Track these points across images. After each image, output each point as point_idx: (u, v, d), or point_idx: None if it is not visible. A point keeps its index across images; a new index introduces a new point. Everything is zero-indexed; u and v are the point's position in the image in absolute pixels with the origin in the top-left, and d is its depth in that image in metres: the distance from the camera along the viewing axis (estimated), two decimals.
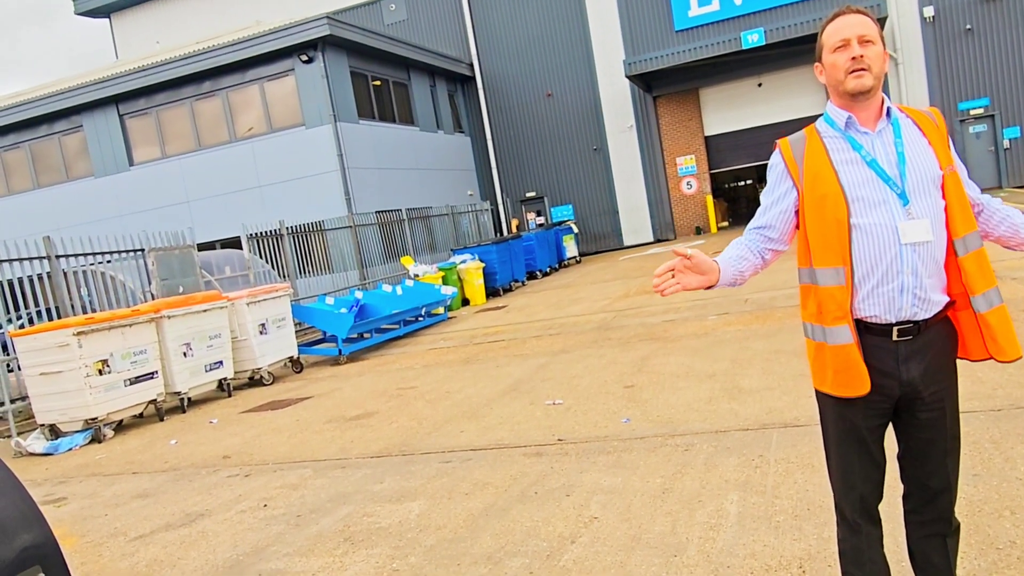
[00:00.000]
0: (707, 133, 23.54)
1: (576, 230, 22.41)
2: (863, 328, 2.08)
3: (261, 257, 13.30)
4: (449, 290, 13.69)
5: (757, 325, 8.27)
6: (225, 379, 9.45)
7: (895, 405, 2.13)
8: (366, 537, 4.08)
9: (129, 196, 19.51)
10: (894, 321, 2.05)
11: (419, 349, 10.89)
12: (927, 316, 2.05)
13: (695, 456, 4.51)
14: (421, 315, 12.79)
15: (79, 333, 7.66)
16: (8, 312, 9.17)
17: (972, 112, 20.34)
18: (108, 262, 10.30)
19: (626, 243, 24.02)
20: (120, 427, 8.37)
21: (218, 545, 4.32)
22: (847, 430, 2.15)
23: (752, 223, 2.27)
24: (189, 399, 8.98)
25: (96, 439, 7.88)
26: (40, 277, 9.43)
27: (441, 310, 13.64)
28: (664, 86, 22.82)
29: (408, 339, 12.04)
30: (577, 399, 6.39)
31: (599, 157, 23.84)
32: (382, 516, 4.37)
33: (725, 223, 25.16)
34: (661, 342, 8.32)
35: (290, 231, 14.31)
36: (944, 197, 2.05)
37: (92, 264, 10.03)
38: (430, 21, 24.57)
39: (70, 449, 7.71)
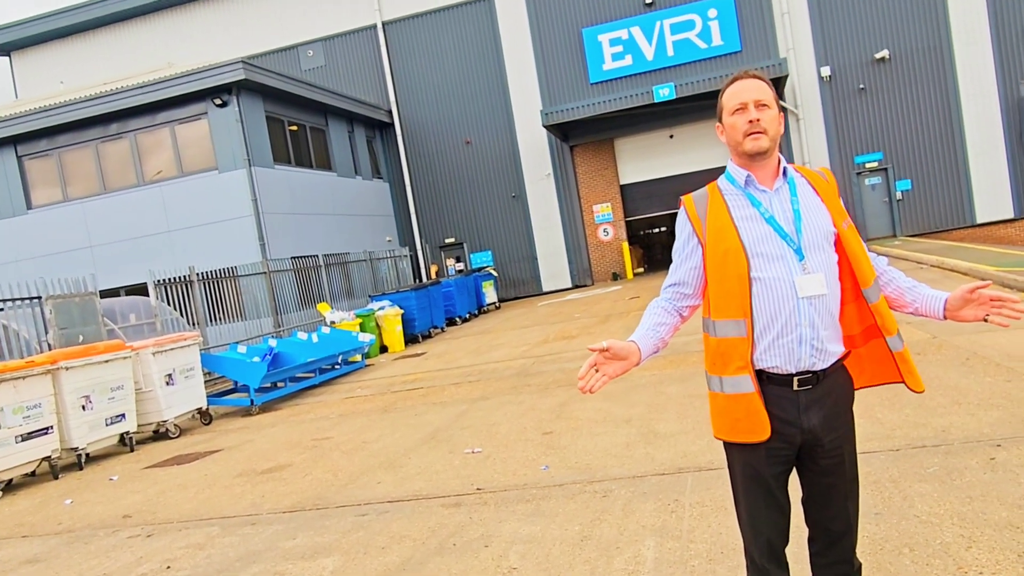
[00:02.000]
0: (622, 182, 24.24)
1: (496, 275, 22.56)
2: (765, 378, 2.16)
3: (169, 304, 12.81)
4: (367, 337, 13.48)
5: (672, 370, 8.46)
6: (128, 433, 8.97)
7: (797, 452, 2.21)
8: None
9: (27, 241, 18.53)
10: (794, 371, 2.14)
11: (335, 398, 10.63)
12: (825, 366, 2.15)
13: (613, 502, 4.54)
14: (338, 363, 12.53)
15: None
16: None
17: (867, 165, 21.68)
18: (1, 310, 9.69)
19: (545, 289, 24.29)
20: (9, 487, 7.80)
21: None
22: (752, 477, 2.22)
23: (667, 281, 2.34)
24: (87, 455, 8.46)
25: None
26: None
27: (359, 358, 13.40)
28: (580, 136, 23.47)
29: (324, 388, 11.76)
30: (496, 447, 6.35)
31: (518, 204, 24.18)
32: (294, 575, 4.20)
33: (641, 269, 25.81)
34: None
35: (201, 277, 13.86)
36: (844, 252, 2.17)
37: None
38: (348, 67, 24.62)
39: None
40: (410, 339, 16.04)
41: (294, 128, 19.68)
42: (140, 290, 13.75)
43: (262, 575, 4.27)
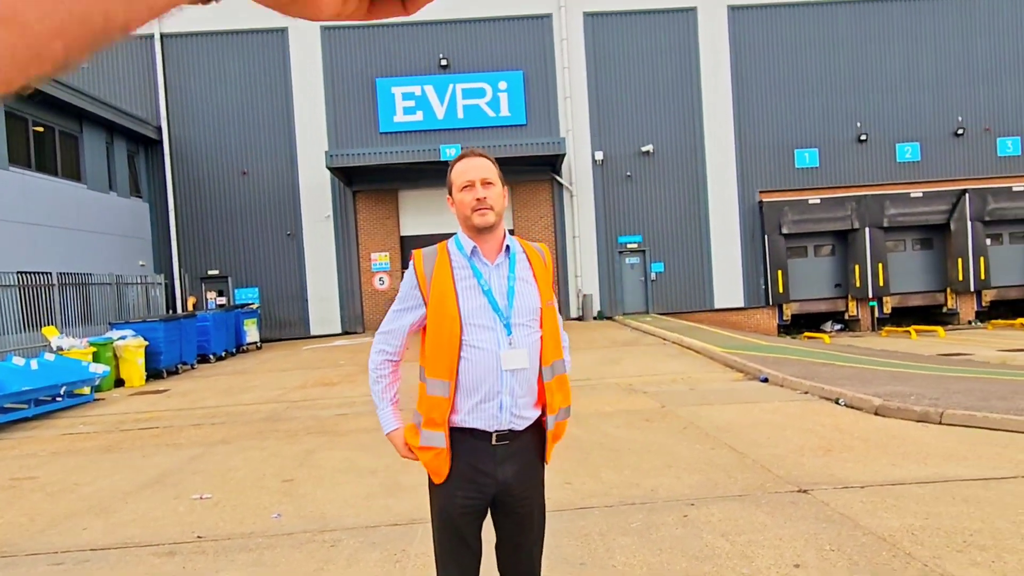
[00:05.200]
0: (403, 233, 24.39)
1: (260, 314, 21.51)
2: (468, 432, 2.29)
3: None
4: (99, 368, 12.17)
5: None
6: None
7: (492, 501, 2.34)
8: None
9: None
10: (493, 431, 2.29)
11: (51, 434, 9.43)
12: (521, 428, 2.33)
13: (340, 552, 4.45)
14: (60, 395, 11.16)
15: None
16: None
17: (629, 246, 23.77)
18: None
19: (313, 332, 23.54)
20: None
21: None
22: (446, 521, 2.32)
23: (383, 326, 2.42)
24: None
25: None
26: None
27: (87, 390, 12.03)
28: (365, 182, 23.38)
29: (40, 422, 10.38)
30: (228, 493, 5.99)
31: (292, 243, 23.42)
32: None
33: None
34: (330, 436, 8.19)
35: None
36: (541, 327, 2.36)
37: None
38: (115, 73, 22.66)
39: None
40: (154, 374, 14.71)
41: (39, 129, 17.63)
42: None
43: None
